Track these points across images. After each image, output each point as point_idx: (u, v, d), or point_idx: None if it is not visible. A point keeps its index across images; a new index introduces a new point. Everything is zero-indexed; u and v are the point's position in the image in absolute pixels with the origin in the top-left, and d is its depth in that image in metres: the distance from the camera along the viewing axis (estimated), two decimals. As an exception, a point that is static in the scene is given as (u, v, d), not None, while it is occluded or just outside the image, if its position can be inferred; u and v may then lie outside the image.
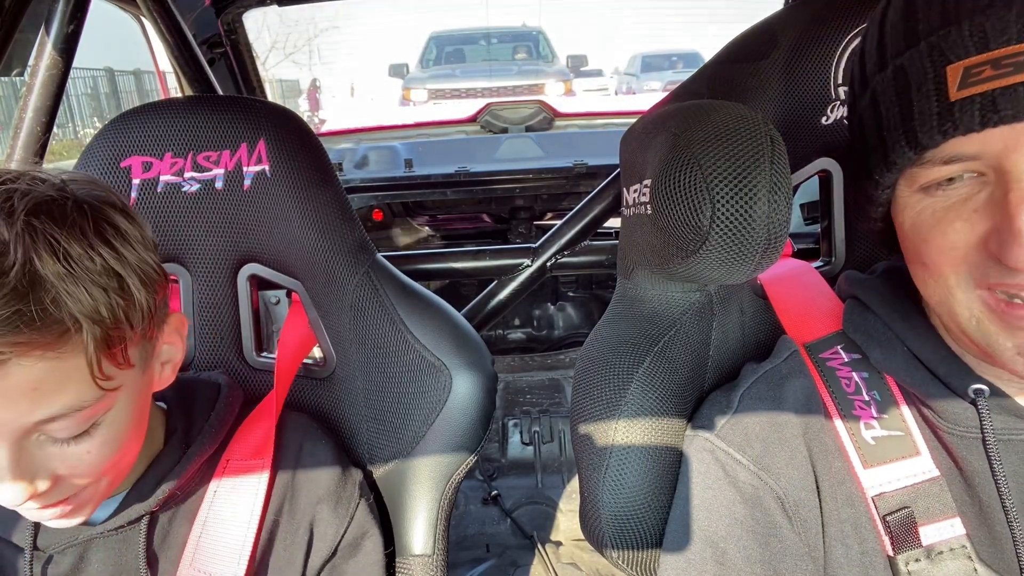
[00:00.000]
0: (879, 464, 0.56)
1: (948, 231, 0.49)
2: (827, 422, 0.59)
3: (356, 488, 0.76)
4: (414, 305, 0.83)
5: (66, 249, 0.52)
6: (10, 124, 6.73)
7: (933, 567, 0.53)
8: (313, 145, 0.85)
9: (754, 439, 0.59)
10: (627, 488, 0.65)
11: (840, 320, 0.64)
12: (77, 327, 0.52)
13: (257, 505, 0.70)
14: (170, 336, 0.65)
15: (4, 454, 0.52)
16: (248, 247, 0.84)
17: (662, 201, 0.60)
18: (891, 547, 0.54)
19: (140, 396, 0.62)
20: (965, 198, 0.48)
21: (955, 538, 0.54)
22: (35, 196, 0.53)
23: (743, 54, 0.83)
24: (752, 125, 0.57)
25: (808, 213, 1.11)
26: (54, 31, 1.03)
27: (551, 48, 9.18)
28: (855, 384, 0.60)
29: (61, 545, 0.66)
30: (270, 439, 0.74)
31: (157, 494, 0.67)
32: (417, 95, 7.50)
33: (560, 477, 1.86)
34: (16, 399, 0.51)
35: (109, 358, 0.55)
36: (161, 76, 2.06)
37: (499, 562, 1.61)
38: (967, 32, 0.46)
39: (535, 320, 2.78)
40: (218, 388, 0.76)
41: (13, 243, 0.50)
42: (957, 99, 0.46)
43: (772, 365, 0.64)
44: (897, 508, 0.55)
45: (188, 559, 0.68)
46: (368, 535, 0.75)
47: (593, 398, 0.68)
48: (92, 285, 0.53)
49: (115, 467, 0.61)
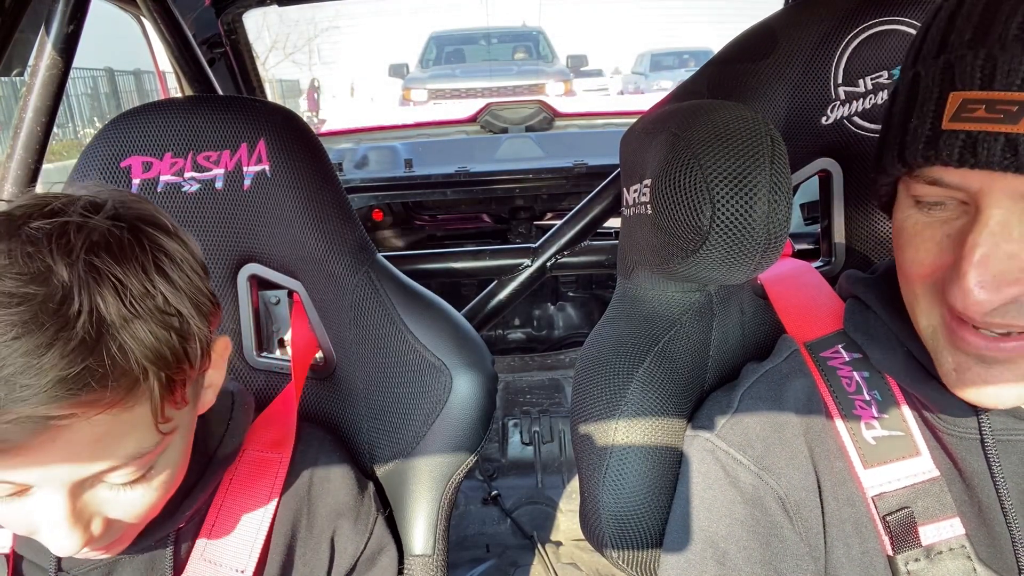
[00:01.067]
0: (879, 464, 0.56)
1: (921, 247, 0.50)
2: (828, 422, 0.59)
3: (373, 502, 0.75)
4: (414, 305, 0.83)
5: (129, 288, 0.47)
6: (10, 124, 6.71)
7: (932, 567, 0.53)
8: (313, 145, 0.85)
9: (755, 439, 0.59)
10: (627, 488, 0.65)
11: (841, 319, 0.64)
12: (144, 375, 0.47)
13: (272, 498, 0.68)
14: (216, 361, 0.61)
15: (61, 505, 0.49)
16: (248, 247, 0.84)
17: (662, 201, 0.60)
18: (891, 547, 0.54)
19: (190, 431, 0.59)
20: (944, 221, 0.49)
21: (955, 538, 0.54)
22: (92, 229, 0.48)
23: (743, 54, 0.83)
24: (752, 125, 0.57)
25: (808, 213, 1.10)
26: (54, 31, 1.03)
27: (551, 48, 9.18)
28: (856, 383, 0.60)
29: (86, 567, 0.64)
30: (291, 434, 0.73)
31: (182, 509, 0.64)
32: (417, 95, 7.50)
33: (560, 477, 1.86)
34: (78, 453, 0.47)
35: (171, 402, 0.51)
36: (161, 76, 2.06)
37: (499, 562, 1.61)
38: (979, 62, 0.44)
39: (535, 320, 2.78)
40: (231, 396, 0.74)
41: (77, 287, 0.45)
42: (946, 129, 0.45)
43: (772, 364, 0.64)
44: (897, 508, 0.55)
45: (199, 551, 0.66)
46: (385, 550, 0.74)
47: (593, 398, 0.68)
48: (156, 325, 0.48)
49: (163, 505, 0.58)
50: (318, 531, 0.70)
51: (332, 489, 0.72)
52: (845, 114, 0.79)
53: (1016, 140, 0.42)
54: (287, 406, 0.77)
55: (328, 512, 0.71)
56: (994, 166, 0.43)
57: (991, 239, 0.44)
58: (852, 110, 0.78)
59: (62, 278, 0.45)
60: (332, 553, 0.71)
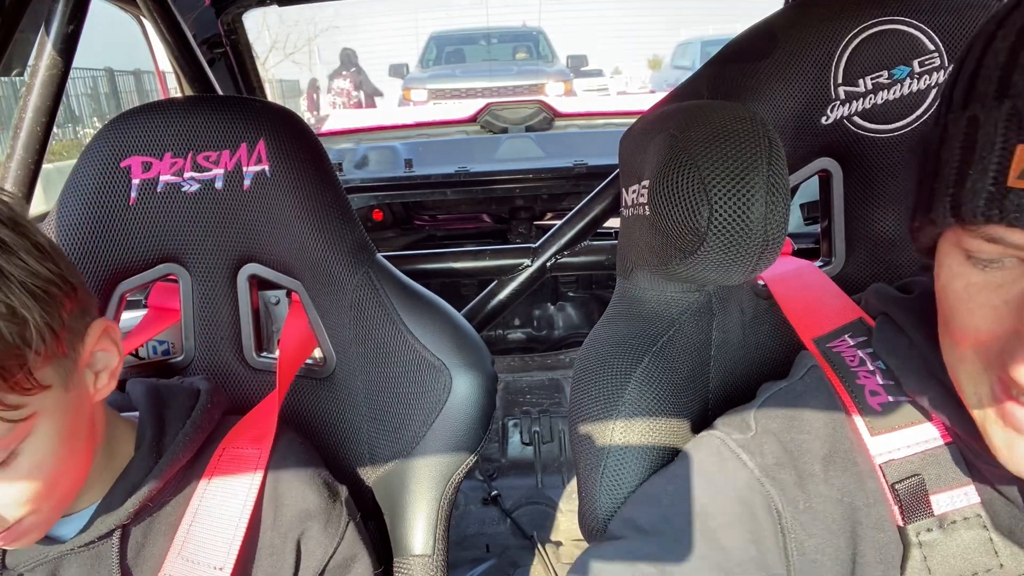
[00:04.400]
0: (887, 431, 0.53)
1: (976, 313, 0.44)
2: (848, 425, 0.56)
3: (344, 506, 0.73)
4: (414, 305, 0.83)
5: None
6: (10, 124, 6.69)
7: (946, 537, 0.51)
8: (313, 145, 0.85)
9: (767, 454, 0.56)
10: (624, 488, 0.65)
11: (849, 315, 0.63)
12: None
13: (251, 497, 0.68)
14: (100, 343, 0.61)
15: None
16: (248, 247, 0.84)
17: (660, 202, 0.60)
18: (900, 517, 0.52)
19: (69, 415, 0.58)
20: (1001, 283, 0.43)
21: (969, 507, 0.51)
22: None
23: (743, 54, 0.83)
24: (750, 126, 0.57)
25: (808, 213, 1.10)
26: (54, 31, 1.03)
27: (551, 48, 9.18)
28: (859, 358, 0.57)
29: (31, 563, 0.64)
30: (271, 432, 0.73)
31: (127, 506, 0.64)
32: (417, 95, 7.51)
33: (560, 477, 1.86)
34: None
35: (10, 387, 0.50)
36: (161, 76, 2.06)
37: (499, 562, 1.61)
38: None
39: (535, 320, 2.78)
40: (197, 394, 0.74)
41: None
42: (1014, 187, 0.39)
43: (788, 383, 0.61)
44: (907, 476, 0.52)
45: (177, 548, 0.66)
46: (358, 558, 0.73)
47: (591, 398, 0.68)
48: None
49: (51, 494, 0.57)
50: (285, 530, 0.70)
51: (301, 489, 0.71)
52: (845, 114, 0.79)
53: None
54: (270, 404, 0.77)
55: (296, 513, 0.70)
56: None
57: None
58: (852, 110, 0.78)
59: None
60: (298, 556, 0.70)
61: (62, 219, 0.81)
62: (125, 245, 0.82)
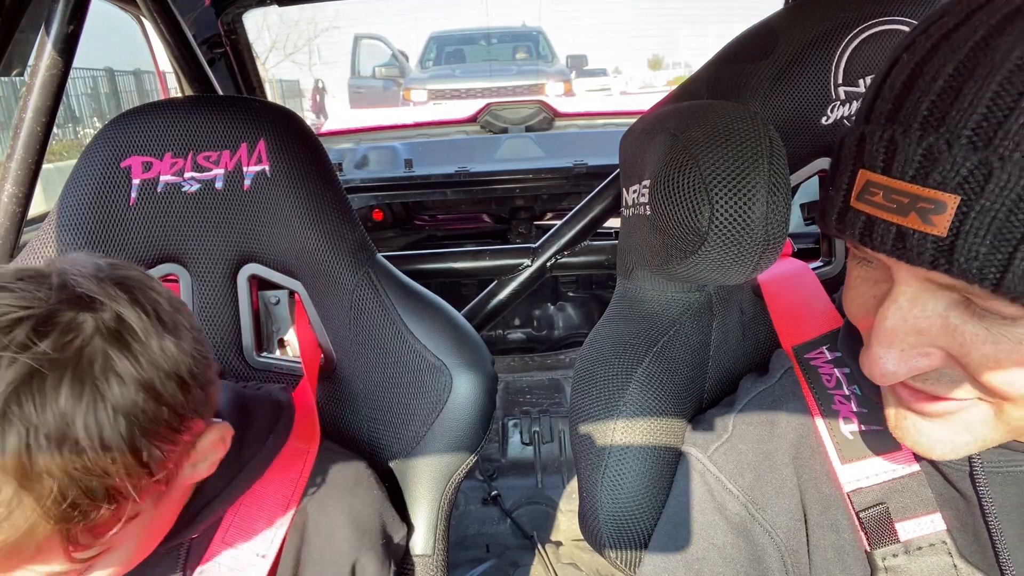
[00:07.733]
0: (857, 460, 0.56)
1: (857, 300, 0.49)
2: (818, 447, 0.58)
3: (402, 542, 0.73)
4: (414, 305, 0.83)
5: (42, 432, 0.44)
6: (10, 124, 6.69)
7: (911, 562, 0.53)
8: (313, 145, 0.85)
9: (746, 467, 0.59)
10: (625, 488, 0.65)
11: (831, 324, 0.64)
12: None
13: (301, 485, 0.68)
14: (212, 446, 0.60)
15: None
16: (248, 247, 0.84)
17: (660, 202, 0.60)
18: (867, 543, 0.54)
19: (156, 519, 0.58)
20: (874, 281, 0.47)
21: (935, 533, 0.53)
22: (18, 364, 0.44)
23: (743, 54, 0.83)
24: (751, 126, 0.56)
25: (808, 213, 1.10)
26: (54, 31, 1.03)
27: (551, 48, 9.18)
28: (836, 379, 0.59)
29: None
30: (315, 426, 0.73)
31: (199, 520, 0.64)
32: (417, 95, 7.50)
33: (560, 477, 1.86)
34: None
35: (90, 534, 0.48)
36: (161, 76, 2.07)
37: (499, 562, 1.61)
38: (885, 141, 0.41)
39: (535, 320, 2.78)
40: (279, 408, 0.73)
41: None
42: (852, 207, 0.43)
43: (766, 386, 0.63)
44: (871, 504, 0.55)
45: (221, 536, 0.66)
46: None
47: (592, 398, 0.68)
48: (62, 473, 0.44)
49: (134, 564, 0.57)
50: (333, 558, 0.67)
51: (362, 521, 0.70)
52: (845, 114, 0.79)
53: (905, 233, 0.39)
54: (305, 398, 0.77)
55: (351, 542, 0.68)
56: (888, 254, 0.41)
57: (899, 313, 0.43)
58: (852, 110, 0.78)
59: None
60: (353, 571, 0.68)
61: (62, 219, 0.81)
62: (125, 245, 0.82)
